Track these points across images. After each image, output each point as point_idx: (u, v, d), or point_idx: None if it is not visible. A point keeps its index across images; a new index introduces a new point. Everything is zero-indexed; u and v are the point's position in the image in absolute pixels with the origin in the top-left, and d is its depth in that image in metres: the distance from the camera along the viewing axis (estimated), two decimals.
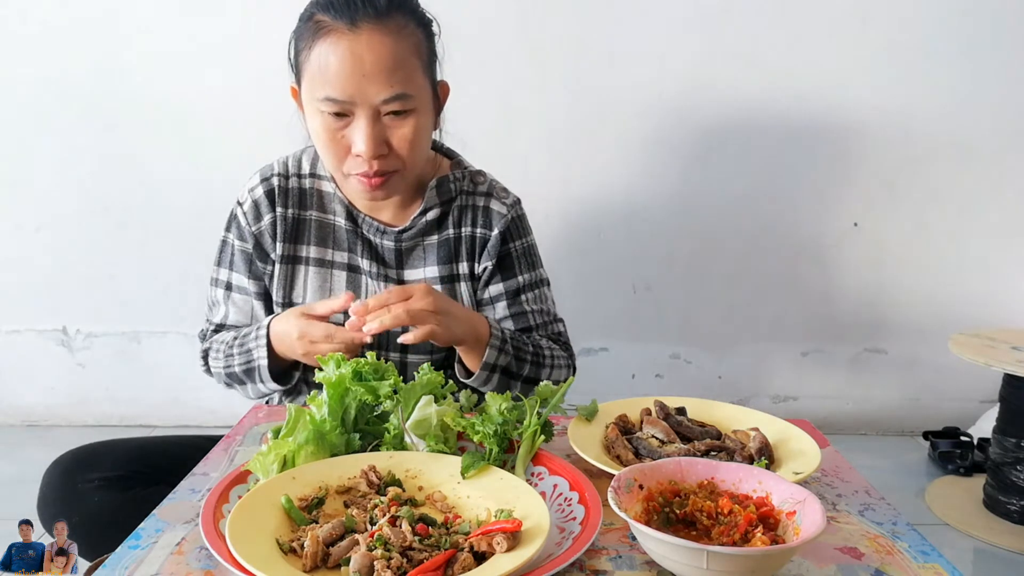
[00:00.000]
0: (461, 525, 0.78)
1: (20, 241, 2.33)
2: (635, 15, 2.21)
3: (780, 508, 0.76)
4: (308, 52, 1.12)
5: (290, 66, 1.20)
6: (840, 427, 2.51)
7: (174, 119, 2.25)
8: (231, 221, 1.31)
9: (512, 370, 1.22)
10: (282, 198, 1.28)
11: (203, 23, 2.19)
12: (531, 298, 1.33)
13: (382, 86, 1.10)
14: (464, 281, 1.31)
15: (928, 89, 2.28)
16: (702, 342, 2.46)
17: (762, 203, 2.36)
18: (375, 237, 1.28)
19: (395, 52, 1.10)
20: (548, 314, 1.36)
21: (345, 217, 1.28)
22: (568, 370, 1.32)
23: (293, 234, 1.28)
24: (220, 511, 0.79)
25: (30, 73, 2.22)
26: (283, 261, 1.28)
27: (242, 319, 1.32)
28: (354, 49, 1.08)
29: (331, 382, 0.91)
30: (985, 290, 2.42)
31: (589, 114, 2.28)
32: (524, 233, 1.35)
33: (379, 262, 1.28)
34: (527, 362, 1.24)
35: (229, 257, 1.31)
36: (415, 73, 1.14)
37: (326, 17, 1.10)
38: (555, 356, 1.29)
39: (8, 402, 2.45)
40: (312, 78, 1.12)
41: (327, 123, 1.13)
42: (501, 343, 1.20)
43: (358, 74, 1.09)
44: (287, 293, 1.29)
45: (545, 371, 1.27)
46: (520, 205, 1.35)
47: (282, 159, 1.32)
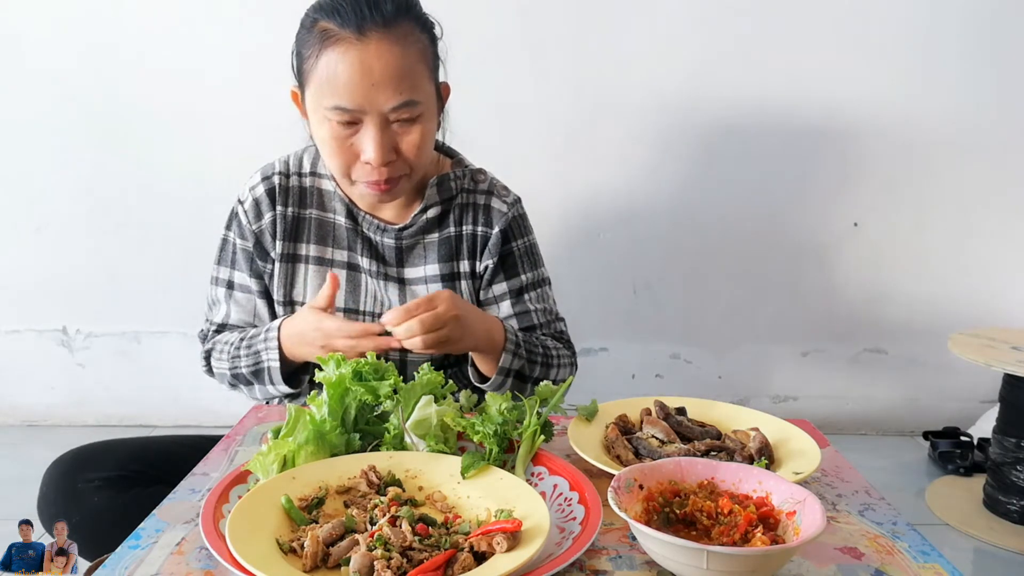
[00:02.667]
0: (461, 525, 0.78)
1: (20, 241, 2.33)
2: (636, 15, 2.21)
3: (780, 508, 0.76)
4: (315, 60, 1.11)
5: (293, 71, 1.20)
6: (840, 427, 2.51)
7: (174, 119, 2.24)
8: (232, 219, 1.31)
9: (524, 373, 1.23)
10: (282, 196, 1.28)
11: (204, 23, 2.19)
12: (534, 297, 1.34)
13: (391, 94, 1.10)
14: (464, 279, 1.31)
15: (928, 89, 2.28)
16: (702, 342, 2.46)
17: (762, 203, 2.36)
18: (375, 235, 1.28)
19: (403, 60, 1.11)
20: (550, 313, 1.36)
21: (345, 215, 1.28)
22: (571, 368, 1.33)
23: (293, 232, 1.28)
24: (220, 511, 0.79)
25: (30, 73, 2.21)
26: (283, 260, 1.28)
27: (244, 318, 1.32)
28: (363, 59, 1.08)
29: (331, 382, 0.91)
30: (985, 290, 2.42)
31: (590, 114, 2.28)
32: (526, 232, 1.35)
33: (379, 260, 1.29)
34: (537, 364, 1.25)
35: (230, 255, 1.31)
36: (422, 79, 1.14)
37: (332, 24, 1.10)
38: (560, 355, 1.30)
39: (8, 402, 2.45)
40: (320, 86, 1.12)
41: (335, 131, 1.13)
42: (515, 347, 1.21)
43: (367, 83, 1.09)
44: (287, 292, 1.29)
45: (553, 371, 1.28)
46: (520, 204, 1.35)
47: (283, 158, 1.32)
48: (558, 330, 1.36)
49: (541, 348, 1.27)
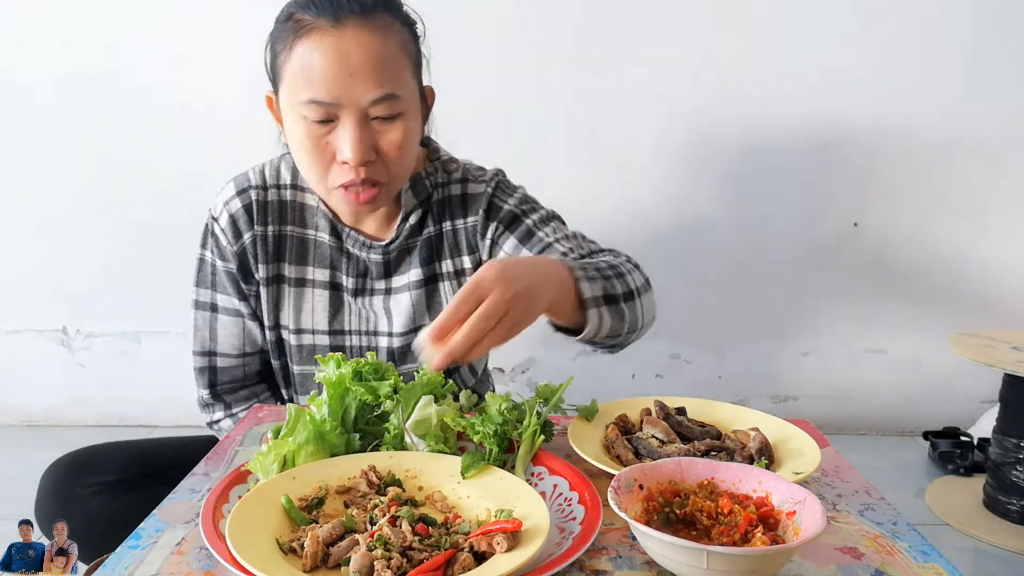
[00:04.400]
0: (461, 525, 0.78)
1: (20, 241, 2.33)
2: (636, 16, 2.21)
3: (780, 508, 0.76)
4: (288, 54, 1.04)
5: (267, 72, 1.12)
6: (840, 427, 2.51)
7: (174, 118, 2.25)
8: (207, 237, 1.23)
9: (612, 293, 1.02)
10: (261, 214, 1.20)
11: (204, 22, 2.19)
12: (548, 231, 1.19)
13: (370, 86, 1.02)
14: (447, 280, 1.22)
15: (928, 89, 2.28)
16: (702, 342, 2.46)
17: (762, 203, 2.36)
18: (361, 252, 1.21)
19: (383, 50, 1.03)
20: (575, 237, 1.20)
21: (329, 232, 1.20)
22: (639, 270, 1.14)
23: (276, 253, 1.21)
24: (220, 511, 0.79)
25: (30, 73, 2.22)
26: (268, 283, 1.21)
27: (235, 343, 1.25)
28: (339, 47, 1.01)
29: (331, 382, 0.91)
30: (985, 290, 2.42)
31: (589, 114, 2.28)
32: (512, 191, 1.24)
33: (364, 276, 1.22)
34: (613, 277, 1.04)
35: (210, 277, 1.24)
36: (403, 73, 1.07)
37: (307, 15, 1.03)
38: (620, 263, 1.10)
39: (8, 402, 2.45)
40: (293, 80, 1.04)
41: (310, 130, 1.05)
42: (584, 270, 0.99)
43: (344, 73, 1.01)
44: (275, 315, 1.23)
45: (630, 279, 1.08)
46: (501, 175, 1.25)
47: (258, 168, 1.23)
48: (593, 249, 1.19)
49: (601, 263, 1.06)
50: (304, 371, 1.25)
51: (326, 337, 1.22)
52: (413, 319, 1.21)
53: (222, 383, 1.28)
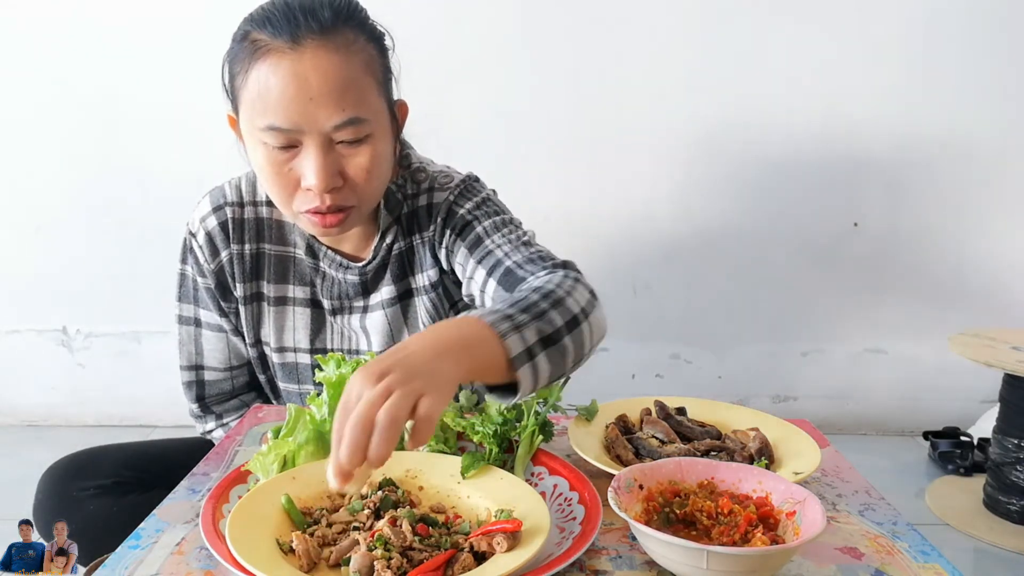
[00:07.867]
0: (461, 525, 0.78)
1: (20, 241, 2.33)
2: (635, 16, 2.21)
3: (780, 508, 0.76)
4: (244, 76, 0.99)
5: (225, 92, 1.08)
6: (840, 427, 2.51)
7: (174, 119, 2.24)
8: (186, 253, 1.21)
9: (547, 332, 0.84)
10: (237, 232, 1.16)
11: (204, 24, 2.19)
12: (497, 239, 1.09)
13: (332, 110, 0.96)
14: (423, 295, 1.17)
15: (928, 89, 2.28)
16: (702, 342, 2.46)
17: (762, 203, 2.36)
18: (337, 273, 1.17)
19: (344, 71, 0.97)
20: (516, 241, 1.09)
21: (305, 251, 1.17)
22: (582, 286, 0.96)
23: (254, 271, 1.18)
24: (220, 511, 0.79)
25: (30, 74, 2.22)
26: (246, 301, 1.19)
27: (221, 358, 1.24)
28: (297, 70, 0.95)
29: (331, 382, 0.91)
30: (985, 290, 2.42)
31: (589, 114, 2.28)
32: (473, 195, 1.14)
33: (342, 296, 1.18)
34: (546, 311, 0.86)
35: (191, 292, 1.22)
36: (368, 94, 1.00)
37: (263, 35, 0.97)
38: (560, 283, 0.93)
39: (8, 402, 2.45)
40: (251, 105, 0.99)
41: (271, 156, 1.00)
42: (505, 318, 0.81)
43: (304, 98, 0.95)
44: (256, 332, 1.21)
45: (571, 301, 0.90)
46: (470, 179, 1.16)
47: (234, 182, 1.19)
48: (535, 254, 1.06)
49: (532, 296, 0.88)
50: (289, 388, 1.24)
51: (308, 356, 1.21)
52: (391, 336, 1.19)
53: (211, 396, 1.27)
